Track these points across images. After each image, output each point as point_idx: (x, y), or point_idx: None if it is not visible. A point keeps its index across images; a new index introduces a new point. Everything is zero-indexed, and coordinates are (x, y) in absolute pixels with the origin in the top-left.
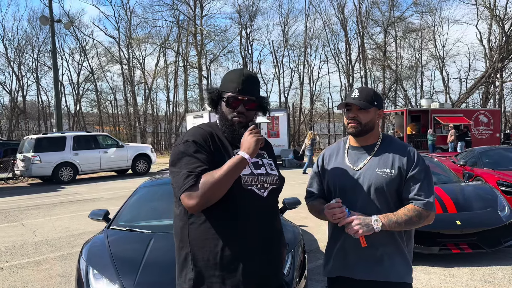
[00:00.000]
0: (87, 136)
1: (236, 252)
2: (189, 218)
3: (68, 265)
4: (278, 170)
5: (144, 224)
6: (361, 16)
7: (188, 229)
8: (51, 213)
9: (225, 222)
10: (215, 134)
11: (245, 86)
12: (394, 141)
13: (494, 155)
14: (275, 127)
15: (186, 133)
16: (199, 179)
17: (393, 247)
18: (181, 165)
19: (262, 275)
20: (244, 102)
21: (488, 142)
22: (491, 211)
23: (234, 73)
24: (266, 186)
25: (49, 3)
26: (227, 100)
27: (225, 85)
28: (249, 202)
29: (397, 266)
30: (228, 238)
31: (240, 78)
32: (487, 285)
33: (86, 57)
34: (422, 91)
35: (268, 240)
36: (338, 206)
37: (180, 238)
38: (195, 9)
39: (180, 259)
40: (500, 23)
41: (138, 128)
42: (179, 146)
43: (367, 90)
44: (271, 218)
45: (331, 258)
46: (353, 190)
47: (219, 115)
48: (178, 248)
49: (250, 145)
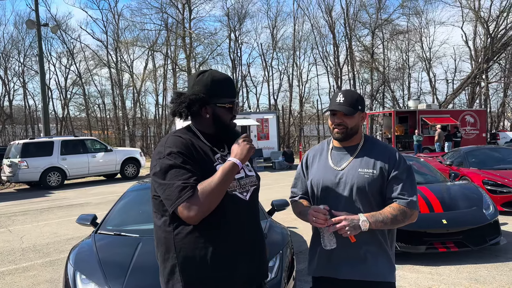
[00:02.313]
0: (75, 140)
1: (226, 258)
2: (174, 229)
3: (56, 271)
4: (254, 171)
5: (132, 228)
6: (348, 19)
7: (174, 240)
8: (39, 219)
9: (214, 231)
10: (194, 142)
11: (235, 91)
12: (376, 142)
13: (480, 154)
14: (265, 130)
15: (166, 143)
16: (196, 190)
17: (376, 246)
18: (171, 177)
19: (250, 276)
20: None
21: (475, 142)
22: (476, 210)
23: (224, 78)
24: (247, 189)
25: (35, 7)
26: (234, 106)
27: (221, 91)
28: (234, 207)
29: (380, 265)
30: (218, 246)
31: (232, 84)
32: (473, 282)
33: (73, 61)
34: (410, 93)
35: (255, 241)
36: (323, 213)
37: (165, 249)
38: (183, 12)
39: (165, 270)
40: (485, 25)
41: (127, 132)
42: (163, 159)
43: (351, 94)
44: (255, 218)
45: (315, 257)
46: (336, 190)
47: (205, 121)
48: (162, 259)
49: (242, 152)
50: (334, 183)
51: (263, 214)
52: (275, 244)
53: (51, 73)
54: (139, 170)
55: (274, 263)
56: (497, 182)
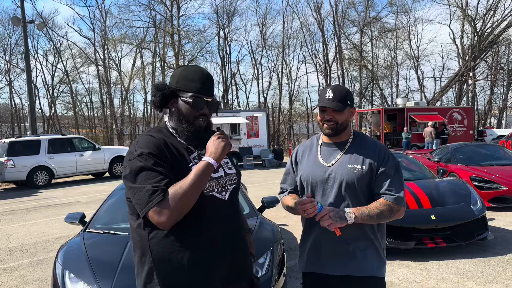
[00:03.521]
0: (62, 139)
1: (204, 261)
2: (149, 233)
3: (44, 270)
4: (234, 167)
5: (121, 226)
6: (337, 17)
7: (149, 243)
8: (26, 218)
9: (190, 232)
10: (168, 141)
11: (207, 86)
12: (365, 138)
13: (467, 151)
14: (255, 128)
15: (137, 143)
16: (167, 194)
17: (365, 241)
18: (142, 180)
19: (230, 279)
20: (208, 104)
21: (462, 139)
22: (464, 205)
23: (193, 71)
24: (226, 188)
25: (21, 3)
26: (194, 101)
27: (184, 84)
28: (211, 208)
29: (369, 260)
30: (195, 249)
31: (203, 78)
32: (461, 277)
33: (60, 59)
34: (398, 90)
35: (235, 240)
36: (309, 202)
37: (141, 252)
38: (171, 9)
39: (142, 273)
40: (472, 23)
41: (115, 130)
42: (134, 160)
43: (340, 89)
44: (234, 217)
45: (305, 253)
46: (325, 185)
47: (174, 117)
48: (139, 261)
49: (217, 150)
50: (324, 179)
51: (254, 211)
52: (266, 241)
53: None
54: None
55: (265, 260)
56: (484, 178)
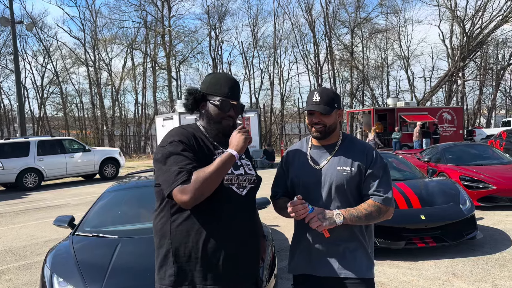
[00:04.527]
0: (52, 140)
1: (217, 246)
2: (172, 215)
3: (33, 274)
4: (255, 170)
5: (110, 229)
6: (328, 18)
7: (170, 226)
8: (15, 221)
9: (207, 218)
10: (197, 135)
11: (234, 91)
12: (354, 140)
13: (457, 151)
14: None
15: (169, 134)
16: (191, 175)
17: (354, 243)
18: (171, 163)
19: (242, 270)
20: (234, 107)
21: (452, 138)
22: (453, 205)
23: (222, 77)
24: (245, 185)
25: (9, 3)
26: (221, 104)
27: (214, 88)
28: (229, 199)
29: (358, 262)
30: (210, 233)
31: (230, 83)
32: (451, 276)
33: (50, 59)
34: (389, 91)
35: (248, 238)
36: (300, 203)
37: (161, 236)
38: (162, 10)
39: (159, 256)
40: (461, 24)
41: (106, 131)
42: (166, 146)
43: (327, 92)
44: (250, 214)
45: (295, 255)
46: (316, 188)
47: (204, 117)
48: (157, 246)
49: (238, 143)
50: (314, 181)
51: None
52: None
53: (26, 72)
54: (119, 170)
55: None
56: (474, 178)
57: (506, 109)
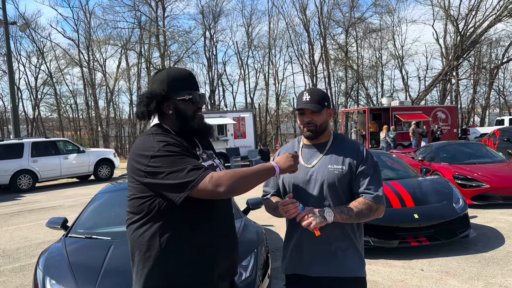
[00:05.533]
0: (46, 142)
1: (212, 255)
2: (160, 227)
3: (27, 276)
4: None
5: (103, 231)
6: (322, 17)
7: (160, 238)
8: (9, 223)
9: (203, 224)
10: (173, 137)
11: (196, 81)
12: (344, 139)
13: (450, 150)
14: (242, 128)
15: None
16: (215, 171)
17: (346, 241)
18: (179, 164)
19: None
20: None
21: (446, 137)
22: (447, 204)
23: (182, 72)
24: None
25: (2, 4)
26: (193, 97)
27: (179, 84)
28: (219, 203)
29: (350, 261)
30: (205, 240)
31: (190, 75)
32: (444, 275)
33: (44, 60)
34: (383, 90)
35: (234, 236)
36: (291, 202)
37: (146, 249)
38: (157, 10)
39: (144, 269)
40: (455, 23)
41: (101, 132)
42: (161, 151)
43: (316, 92)
44: (231, 214)
45: (287, 255)
46: (307, 186)
47: (171, 118)
48: (141, 259)
49: (285, 164)
50: (305, 180)
51: (238, 213)
52: (250, 243)
53: (20, 73)
54: (113, 171)
55: (249, 262)
56: (467, 177)
57: (500, 108)
